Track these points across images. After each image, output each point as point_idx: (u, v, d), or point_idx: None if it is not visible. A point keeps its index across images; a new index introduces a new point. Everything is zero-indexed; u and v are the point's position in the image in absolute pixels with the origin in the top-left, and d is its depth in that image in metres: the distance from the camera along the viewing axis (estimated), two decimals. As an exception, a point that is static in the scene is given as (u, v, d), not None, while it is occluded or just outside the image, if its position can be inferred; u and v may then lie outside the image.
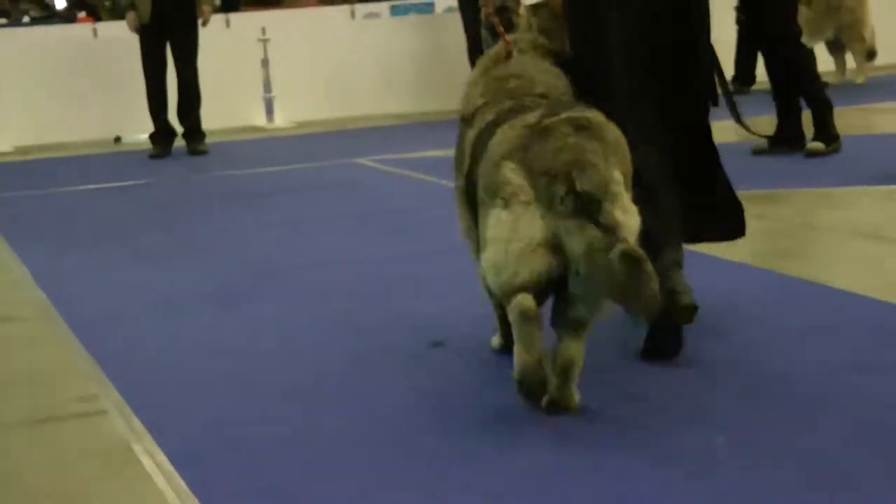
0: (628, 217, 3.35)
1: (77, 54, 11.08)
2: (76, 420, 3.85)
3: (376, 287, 5.20)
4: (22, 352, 4.62)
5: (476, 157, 3.71)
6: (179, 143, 9.77)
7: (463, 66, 11.42)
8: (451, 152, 4.30)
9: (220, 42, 10.71)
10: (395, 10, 20.35)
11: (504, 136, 3.56)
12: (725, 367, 3.93)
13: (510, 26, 4.93)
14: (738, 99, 10.93)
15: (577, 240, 3.31)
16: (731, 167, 7.49)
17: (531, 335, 3.41)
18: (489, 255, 3.50)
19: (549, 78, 3.98)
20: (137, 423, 3.71)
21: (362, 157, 8.78)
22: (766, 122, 8.22)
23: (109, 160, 9.76)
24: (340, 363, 4.20)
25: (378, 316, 4.75)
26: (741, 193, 6.67)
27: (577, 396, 3.54)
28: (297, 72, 11.18)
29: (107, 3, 22.92)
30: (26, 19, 21.47)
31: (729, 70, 11.75)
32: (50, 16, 22.25)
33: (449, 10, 18.35)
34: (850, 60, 11.53)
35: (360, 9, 20.53)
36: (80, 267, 5.97)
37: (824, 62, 10.24)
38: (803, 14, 8.27)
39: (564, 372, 3.52)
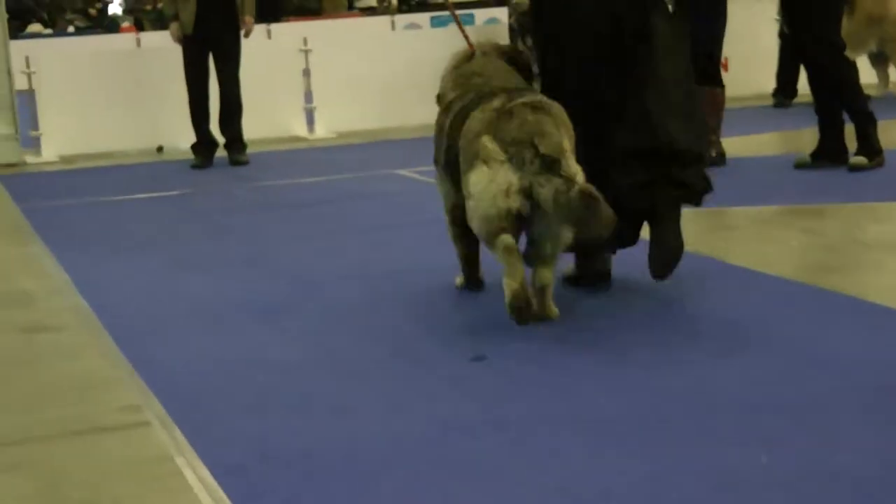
0: (578, 169, 4.40)
1: (120, 64, 11.13)
2: (118, 431, 3.83)
3: (418, 299, 5.16)
4: (64, 361, 4.61)
5: (454, 138, 4.72)
6: (221, 153, 9.78)
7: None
8: None
9: (262, 52, 10.72)
10: (436, 22, 20.42)
11: (478, 118, 4.59)
12: (768, 381, 3.87)
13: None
14: (780, 112, 10.92)
15: (547, 188, 4.35)
16: (775, 181, 7.49)
17: (515, 266, 4.42)
18: (474, 202, 4.50)
19: (504, 74, 4.98)
20: (180, 435, 3.69)
21: (403, 168, 8.76)
22: (808, 135, 8.14)
23: (152, 169, 9.79)
24: (382, 377, 4.17)
25: (419, 328, 4.71)
26: (784, 207, 6.67)
27: (555, 309, 4.62)
28: (337, 82, 11.18)
29: (150, 13, 23.11)
30: (71, 29, 21.69)
31: (771, 83, 11.68)
32: (94, 25, 22.45)
33: (490, 21, 18.41)
34: (894, 73, 11.41)
35: (401, 19, 20.65)
36: (123, 275, 5.97)
37: (867, 75, 10.13)
38: (845, 26, 8.17)
39: (542, 290, 4.61)
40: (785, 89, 11.45)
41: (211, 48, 9.58)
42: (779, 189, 7.26)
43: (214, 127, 9.77)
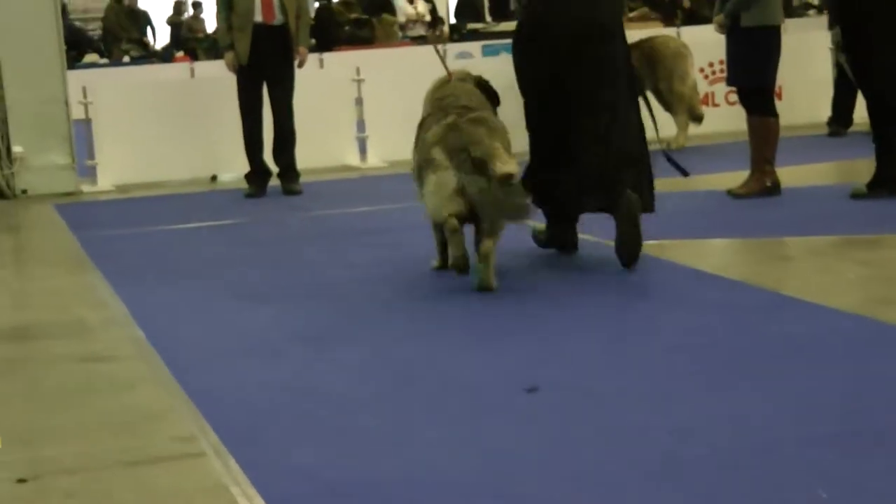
0: (507, 165, 5.45)
1: (174, 94, 11.25)
2: (173, 461, 3.85)
3: (469, 331, 5.17)
4: (120, 391, 4.64)
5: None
6: (274, 182, 9.84)
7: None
8: None
9: (315, 82, 10.79)
10: (487, 51, 20.47)
11: (433, 131, 5.77)
12: (820, 412, 3.82)
13: None
14: (835, 141, 10.83)
15: (473, 187, 5.55)
16: (830, 211, 7.43)
17: (458, 240, 5.66)
18: (427, 202, 5.79)
19: (471, 96, 6.11)
20: (235, 466, 3.70)
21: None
22: (864, 165, 8.08)
23: (206, 199, 9.87)
24: (436, 410, 4.16)
25: (471, 360, 4.72)
26: (840, 238, 6.62)
27: (495, 282, 5.68)
28: (390, 111, 11.20)
29: (203, 42, 23.34)
30: (126, 59, 21.95)
31: (825, 112, 11.61)
32: (149, 55, 22.71)
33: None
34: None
35: (453, 48, 20.71)
36: (178, 305, 6.01)
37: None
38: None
39: (485, 258, 5.67)
40: (840, 118, 11.37)
41: (265, 78, 9.66)
42: (835, 219, 7.20)
43: (268, 156, 9.84)
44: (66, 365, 5.06)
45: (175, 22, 23.97)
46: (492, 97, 6.36)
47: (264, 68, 9.59)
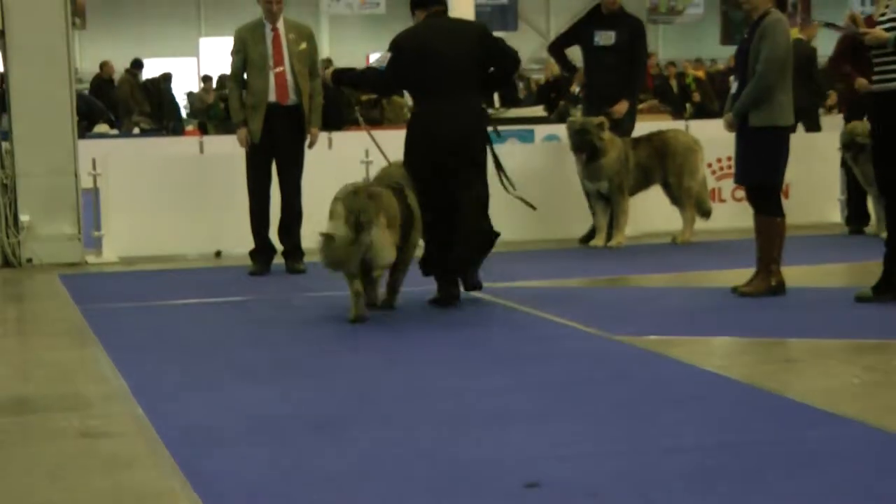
0: (378, 231, 7.32)
1: (183, 168, 11.32)
2: (170, 544, 3.84)
3: (470, 419, 5.16)
4: (118, 469, 4.63)
5: None
6: (278, 260, 9.88)
7: (561, 194, 11.48)
8: (552, 283, 9.03)
9: (323, 161, 10.85)
10: (494, 138, 20.63)
11: (343, 192, 7.51)
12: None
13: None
14: (842, 241, 10.88)
15: (355, 239, 7.32)
16: (836, 313, 7.45)
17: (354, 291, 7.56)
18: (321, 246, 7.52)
19: (393, 176, 7.89)
20: (231, 552, 3.68)
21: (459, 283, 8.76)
22: (872, 267, 8.10)
23: (210, 275, 9.89)
24: (435, 500, 4.15)
25: (472, 451, 4.71)
26: (845, 342, 6.63)
27: (396, 302, 7.89)
28: (398, 195, 11.25)
29: (213, 115, 23.55)
30: (136, 130, 22.14)
31: (833, 210, 11.68)
32: (159, 128, 22.90)
33: (549, 137, 18.59)
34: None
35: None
36: (180, 383, 6.01)
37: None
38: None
39: (372, 285, 7.81)
40: (857, 217, 11.48)
41: (276, 157, 9.74)
42: (840, 322, 7.21)
43: (273, 234, 9.88)
44: (64, 440, 5.05)
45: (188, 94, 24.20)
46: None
47: (275, 147, 9.68)
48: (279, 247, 9.91)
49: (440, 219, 7.88)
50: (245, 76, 9.79)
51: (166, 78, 24.41)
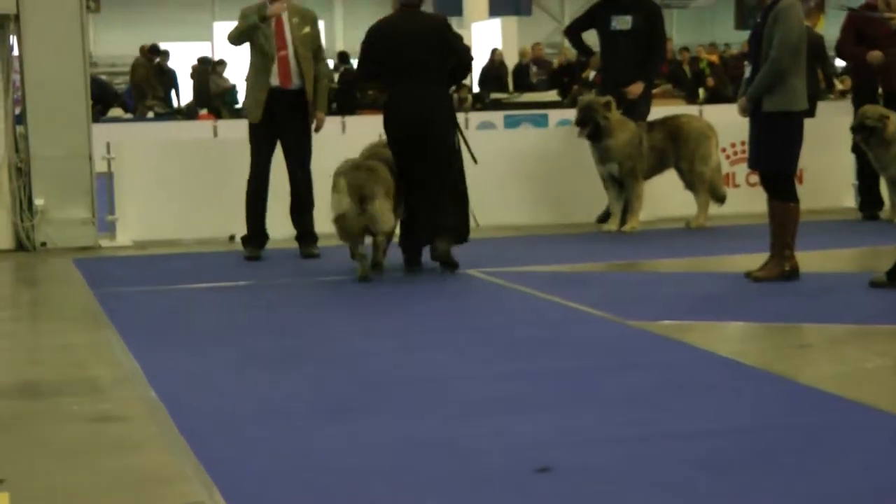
0: (379, 202, 8.18)
1: (197, 152, 11.32)
2: (181, 528, 3.84)
3: (482, 406, 5.15)
4: (130, 453, 4.62)
5: None
6: (292, 245, 9.86)
7: (575, 179, 11.45)
8: (566, 268, 9.06)
9: (336, 146, 10.82)
10: (509, 121, 20.60)
11: (345, 167, 8.41)
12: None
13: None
14: (856, 227, 10.81)
15: (359, 210, 8.16)
16: (850, 298, 7.41)
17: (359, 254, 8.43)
18: (332, 215, 8.33)
19: (386, 152, 8.68)
20: (242, 535, 3.68)
21: (473, 268, 8.77)
22: (886, 252, 8.07)
23: (223, 259, 9.88)
24: (445, 487, 4.14)
25: (483, 436, 4.69)
26: (859, 327, 6.59)
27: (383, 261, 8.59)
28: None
29: (227, 98, 23.54)
30: (150, 115, 22.15)
31: (848, 195, 11.62)
32: (173, 112, 22.91)
33: (562, 122, 18.53)
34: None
35: (475, 117, 20.83)
36: (192, 367, 6.00)
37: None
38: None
39: (378, 248, 8.49)
40: (871, 202, 11.42)
41: (281, 141, 9.68)
42: (854, 307, 7.18)
43: (276, 218, 9.81)
44: (76, 423, 5.05)
45: (201, 79, 24.18)
46: None
47: (279, 132, 9.62)
48: (292, 231, 9.87)
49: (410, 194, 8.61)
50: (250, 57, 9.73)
51: (164, 53, 24.40)
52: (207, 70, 24.35)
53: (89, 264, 9.60)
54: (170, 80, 24.38)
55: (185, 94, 24.88)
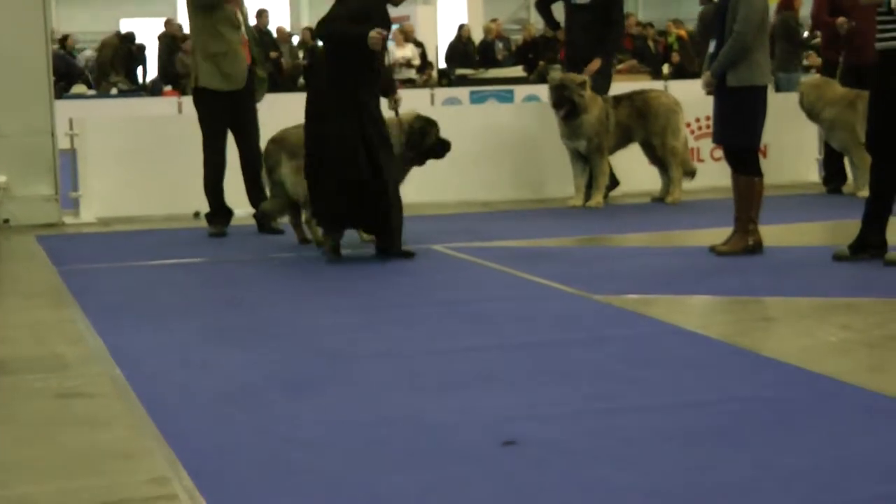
0: (283, 170, 8.81)
1: (161, 129, 11.24)
2: (145, 503, 3.81)
3: (448, 380, 5.15)
4: (95, 429, 4.60)
5: None
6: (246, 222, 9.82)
7: (541, 155, 11.45)
8: (531, 243, 9.00)
9: (295, 121, 10.77)
10: (475, 97, 20.57)
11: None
12: (800, 480, 3.81)
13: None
14: (820, 200, 10.84)
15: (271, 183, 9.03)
16: (812, 271, 7.46)
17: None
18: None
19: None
20: (207, 511, 3.67)
21: (438, 243, 8.77)
22: (848, 226, 8.12)
23: (187, 235, 9.83)
24: (412, 462, 4.15)
25: (449, 411, 4.70)
26: (821, 300, 6.64)
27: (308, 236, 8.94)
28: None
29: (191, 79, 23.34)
30: (114, 91, 21.96)
31: (812, 170, 11.69)
32: (137, 88, 22.72)
33: (529, 98, 18.53)
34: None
35: (441, 93, 20.79)
36: (157, 344, 5.98)
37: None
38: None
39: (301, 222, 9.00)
40: (835, 176, 11.50)
41: (231, 121, 9.67)
42: (816, 281, 7.23)
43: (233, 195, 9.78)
44: (42, 401, 5.02)
45: (167, 53, 24.00)
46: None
47: (229, 112, 9.61)
48: (250, 210, 9.81)
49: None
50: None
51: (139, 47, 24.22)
52: (171, 47, 24.17)
53: (53, 241, 9.53)
54: (138, 58, 24.19)
55: (151, 70, 24.69)
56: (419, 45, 23.86)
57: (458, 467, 4.06)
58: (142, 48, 24.00)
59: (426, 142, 8.97)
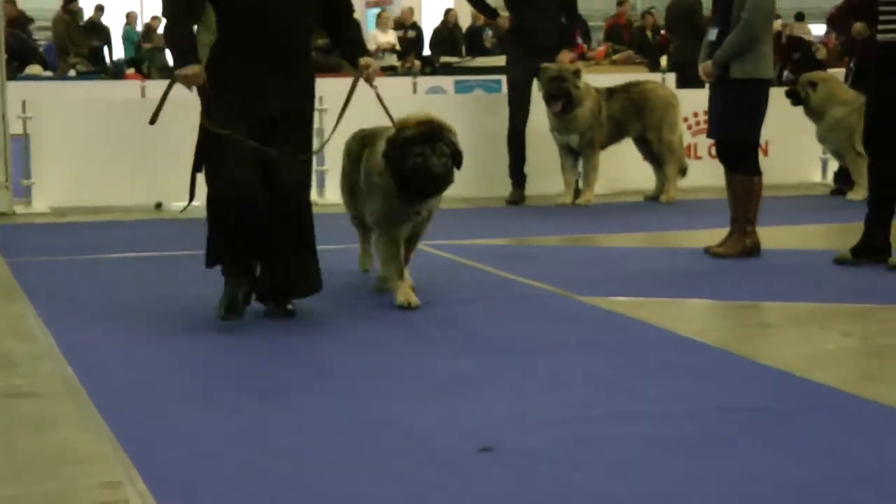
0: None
1: (122, 114, 11.19)
2: (97, 509, 3.84)
3: (428, 386, 5.18)
4: (44, 431, 4.61)
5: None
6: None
7: (528, 150, 11.45)
8: (517, 241, 9.23)
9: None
10: (461, 87, 20.59)
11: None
12: (797, 492, 3.85)
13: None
14: (821, 202, 10.89)
15: None
16: (813, 276, 7.51)
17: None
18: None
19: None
20: (162, 518, 3.69)
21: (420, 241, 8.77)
22: (851, 229, 8.17)
23: (148, 228, 9.84)
24: (387, 469, 4.17)
25: (429, 417, 4.72)
26: (821, 306, 6.68)
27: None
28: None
29: (156, 57, 23.33)
30: (72, 73, 21.90)
31: (814, 170, 11.74)
32: (97, 71, 22.68)
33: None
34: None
35: (424, 82, 20.82)
36: (111, 341, 5.98)
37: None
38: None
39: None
40: (842, 178, 11.56)
41: None
42: (816, 286, 7.28)
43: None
44: (-13, 400, 5.03)
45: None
46: None
47: None
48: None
49: None
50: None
51: (99, 8, 24.17)
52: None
53: (2, 232, 9.53)
54: (103, 37, 24.14)
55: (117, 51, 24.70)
56: (416, 28, 23.80)
57: (436, 475, 4.08)
58: (97, 25, 23.92)
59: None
